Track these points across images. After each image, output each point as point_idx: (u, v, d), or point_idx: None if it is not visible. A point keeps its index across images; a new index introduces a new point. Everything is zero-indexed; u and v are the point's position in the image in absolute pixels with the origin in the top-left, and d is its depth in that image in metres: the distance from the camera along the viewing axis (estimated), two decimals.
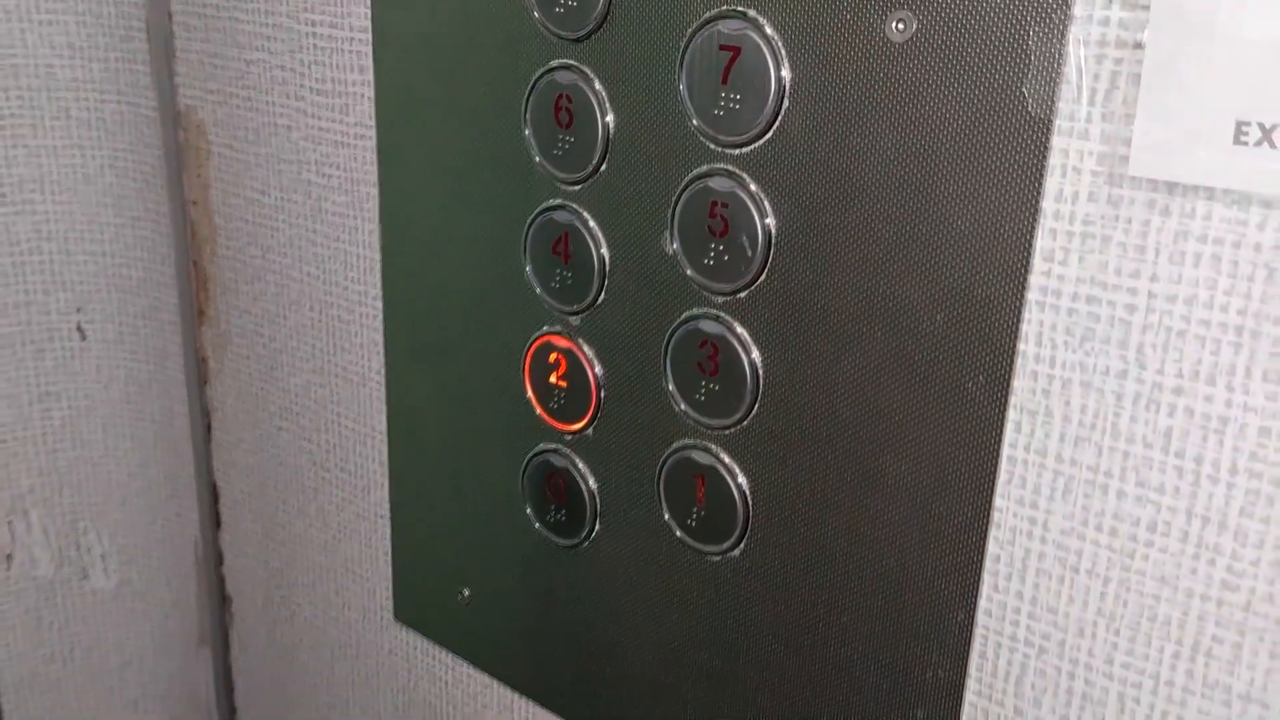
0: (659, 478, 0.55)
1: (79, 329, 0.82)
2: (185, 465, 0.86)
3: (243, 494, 0.84)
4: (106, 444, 0.85)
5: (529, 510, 0.62)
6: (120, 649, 0.91)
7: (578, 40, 0.53)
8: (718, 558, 0.54)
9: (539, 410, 0.60)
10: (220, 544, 0.87)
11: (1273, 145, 0.36)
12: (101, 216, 0.80)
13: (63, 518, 0.85)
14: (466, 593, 0.67)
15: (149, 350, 0.83)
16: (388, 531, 0.72)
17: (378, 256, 0.67)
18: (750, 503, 0.52)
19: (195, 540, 0.88)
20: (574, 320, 0.57)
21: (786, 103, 0.46)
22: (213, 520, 0.87)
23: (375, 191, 0.66)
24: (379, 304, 0.68)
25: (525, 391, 0.60)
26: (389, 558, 0.72)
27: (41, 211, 0.78)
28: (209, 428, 0.85)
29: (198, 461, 0.86)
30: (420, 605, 0.71)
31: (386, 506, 0.72)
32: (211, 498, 0.86)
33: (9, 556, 0.82)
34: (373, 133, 0.65)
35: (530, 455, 0.61)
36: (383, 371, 0.69)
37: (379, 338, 0.69)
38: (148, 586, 0.89)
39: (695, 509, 0.54)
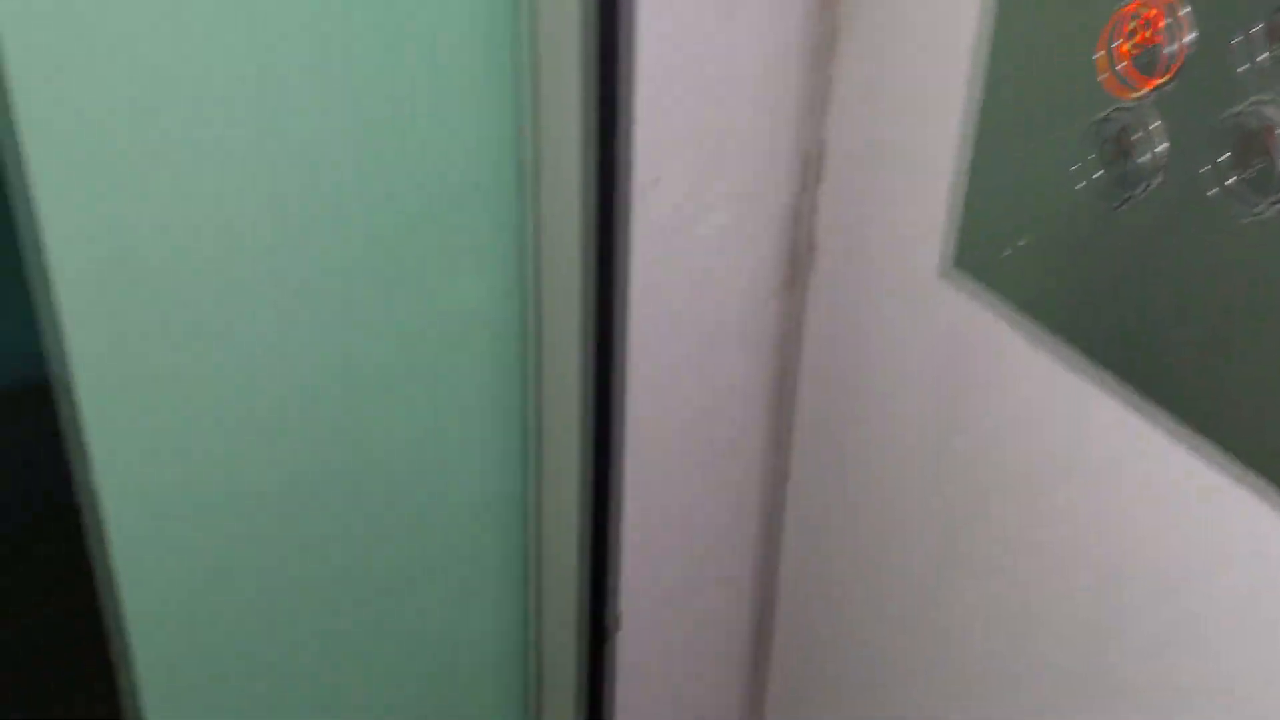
0: (1222, 133, 0.60)
1: None
2: (801, 131, 1.02)
3: (841, 154, 0.98)
4: (741, 109, 1.02)
5: (1091, 164, 0.69)
6: (723, 284, 1.11)
7: None
8: (1264, 209, 0.59)
9: (1115, 69, 0.66)
10: (818, 198, 1.03)
11: None
12: None
13: (697, 166, 1.05)
14: (1021, 242, 0.76)
15: (780, 30, 0.98)
16: (958, 184, 0.82)
17: None
18: None
19: (797, 193, 1.04)
20: None
21: None
22: (815, 177, 1.02)
23: None
24: None
25: (1103, 52, 0.66)
26: (960, 210, 0.83)
27: None
28: (825, 100, 0.99)
29: (812, 128, 1.01)
30: (978, 254, 0.82)
31: (956, 161, 0.82)
32: (818, 158, 1.02)
33: (657, 180, 1.04)
34: None
35: (1100, 116, 0.68)
36: (976, 33, 0.78)
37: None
38: (752, 229, 1.07)
39: (1255, 161, 0.59)
